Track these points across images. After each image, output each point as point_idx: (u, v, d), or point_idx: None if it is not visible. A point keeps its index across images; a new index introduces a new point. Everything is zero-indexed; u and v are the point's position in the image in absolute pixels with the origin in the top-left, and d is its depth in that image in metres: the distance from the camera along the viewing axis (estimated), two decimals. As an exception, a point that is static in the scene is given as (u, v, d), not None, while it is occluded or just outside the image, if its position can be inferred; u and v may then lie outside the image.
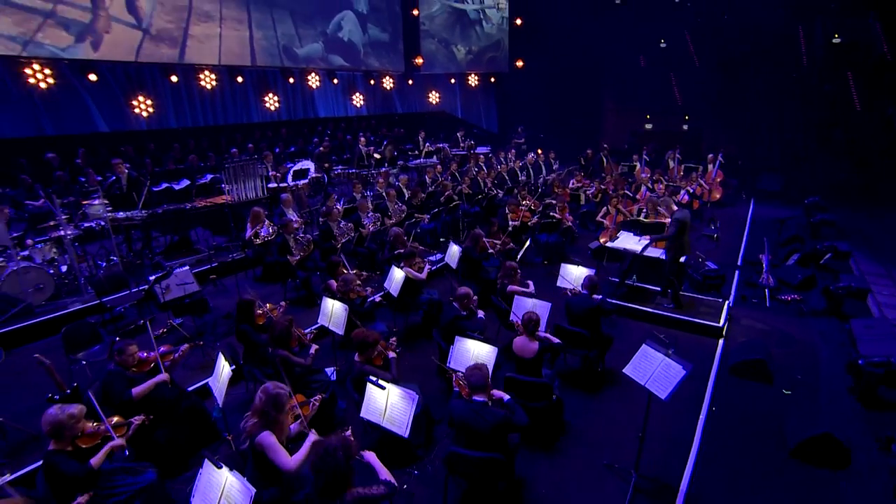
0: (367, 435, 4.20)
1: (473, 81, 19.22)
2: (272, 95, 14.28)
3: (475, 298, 5.29)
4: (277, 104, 14.47)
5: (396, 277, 5.92)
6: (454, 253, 7.00)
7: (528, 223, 8.91)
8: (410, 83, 17.91)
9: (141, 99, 11.68)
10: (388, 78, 17.03)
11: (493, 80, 19.95)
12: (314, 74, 14.92)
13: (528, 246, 8.25)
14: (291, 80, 14.38)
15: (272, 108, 14.41)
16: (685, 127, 17.47)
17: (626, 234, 7.68)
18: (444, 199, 9.86)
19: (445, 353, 4.70)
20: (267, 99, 14.23)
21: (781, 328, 6.48)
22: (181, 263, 6.65)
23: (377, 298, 6.74)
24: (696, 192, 11.23)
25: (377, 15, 16.09)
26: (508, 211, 8.98)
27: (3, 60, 9.57)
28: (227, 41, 12.47)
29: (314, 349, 4.66)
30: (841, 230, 9.94)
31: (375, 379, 3.63)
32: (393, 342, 4.59)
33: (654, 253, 7.08)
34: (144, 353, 4.29)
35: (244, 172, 8.71)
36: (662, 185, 10.86)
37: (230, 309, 6.36)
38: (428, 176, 11.11)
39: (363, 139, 12.89)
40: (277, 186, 9.69)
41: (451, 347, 4.54)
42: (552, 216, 9.09)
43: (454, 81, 19.18)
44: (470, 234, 7.38)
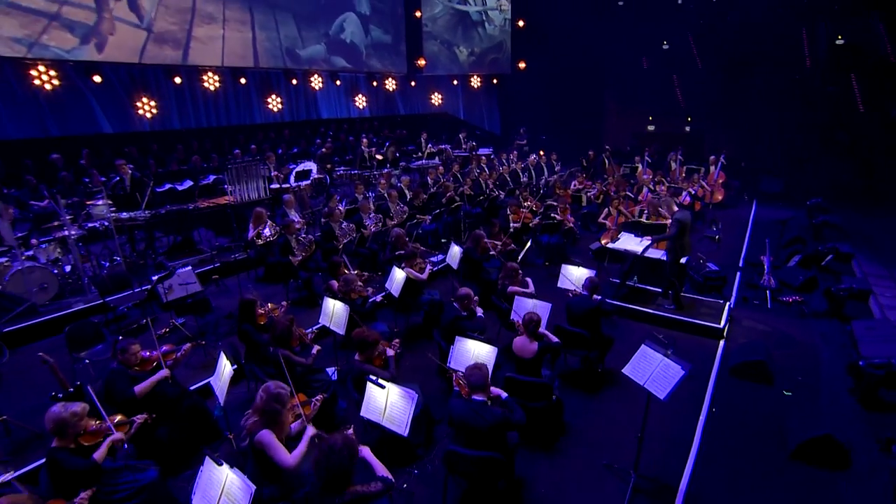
0: (366, 434, 4.21)
1: (476, 83, 19.25)
2: (275, 97, 14.33)
3: (476, 299, 5.32)
4: (280, 105, 14.53)
5: (397, 278, 5.94)
6: (455, 254, 7.02)
7: (529, 224, 8.93)
8: (413, 85, 17.94)
9: (145, 100, 11.75)
10: (390, 79, 17.07)
11: (495, 81, 19.98)
12: (317, 76, 14.97)
13: (529, 247, 8.27)
14: (294, 81, 14.43)
15: (275, 109, 14.46)
16: (687, 129, 17.46)
17: (627, 235, 7.69)
18: (445, 200, 9.88)
19: (446, 353, 4.72)
20: (270, 100, 14.28)
21: (782, 329, 6.47)
22: (184, 264, 6.68)
23: (377, 298, 6.77)
24: (697, 193, 11.23)
25: (379, 17, 16.14)
26: (510, 212, 8.99)
27: (8, 62, 9.65)
28: (230, 43, 12.52)
29: (316, 349, 4.68)
30: (843, 232, 9.91)
31: (375, 378, 3.65)
32: (396, 344, 4.62)
33: (655, 254, 7.09)
34: (147, 352, 4.33)
35: (247, 173, 8.75)
36: (664, 186, 10.86)
37: (232, 309, 6.39)
38: (430, 177, 11.14)
39: (365, 140, 12.94)
40: (280, 187, 9.75)
41: (451, 347, 4.57)
42: (553, 217, 9.11)
43: (456, 83, 19.21)
44: (471, 234, 7.39)
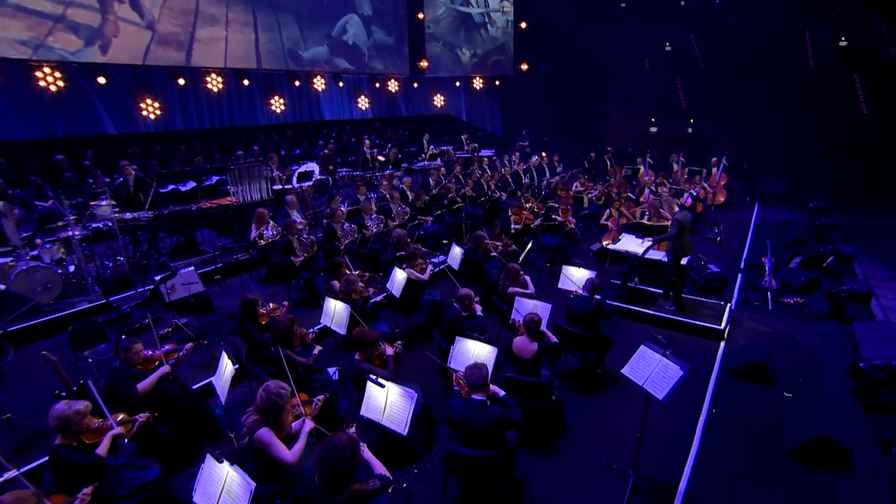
0: (366, 433, 4.23)
1: (478, 84, 19.30)
2: (278, 98, 14.39)
3: (477, 299, 5.34)
4: (283, 107, 14.58)
5: (398, 278, 5.97)
6: (456, 254, 7.05)
7: (530, 225, 8.94)
8: (415, 86, 17.98)
9: (148, 101, 11.82)
10: (393, 81, 17.12)
11: (497, 83, 20.01)
12: (320, 77, 15.03)
13: (530, 248, 8.28)
14: (297, 82, 14.49)
15: (278, 110, 14.52)
16: (689, 130, 17.44)
17: (628, 236, 7.70)
18: (447, 201, 9.91)
19: (446, 353, 4.74)
20: (273, 101, 14.34)
21: (783, 331, 6.47)
22: (186, 264, 6.71)
23: (378, 299, 6.78)
24: (699, 195, 11.21)
25: (382, 18, 16.19)
26: (511, 213, 9.00)
27: (14, 64, 9.73)
28: (233, 44, 12.59)
29: (317, 350, 4.70)
30: (846, 234, 9.89)
31: (375, 377, 3.67)
32: (398, 345, 4.64)
33: (656, 255, 7.10)
34: (149, 351, 4.36)
35: (249, 174, 8.80)
36: (666, 188, 10.85)
37: (234, 309, 6.40)
38: (432, 178, 11.16)
39: (368, 142, 12.98)
40: (282, 188, 9.79)
41: (451, 347, 4.59)
42: (555, 219, 9.12)
43: (459, 84, 19.26)
44: (472, 235, 7.41)
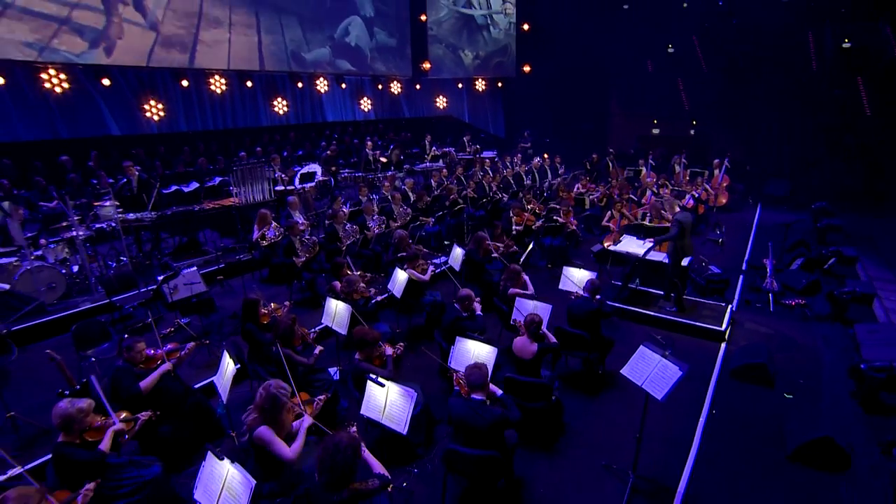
0: (366, 433, 4.26)
1: (481, 86, 19.33)
2: (281, 99, 14.46)
3: (478, 300, 5.37)
4: (286, 108, 14.64)
5: (400, 279, 5.99)
6: (457, 255, 7.07)
7: (532, 227, 8.96)
8: (418, 88, 18.02)
9: (152, 103, 11.88)
10: (395, 82, 17.17)
11: (500, 84, 20.04)
12: (322, 79, 15.08)
13: (531, 249, 8.29)
14: (300, 84, 14.55)
15: (281, 112, 14.58)
16: (692, 132, 17.43)
17: (629, 237, 7.70)
18: (448, 202, 9.93)
19: (447, 353, 4.76)
20: (276, 103, 14.40)
21: (784, 332, 6.46)
22: (189, 264, 6.75)
23: (379, 299, 6.80)
24: (701, 196, 11.21)
25: (385, 20, 16.25)
26: (513, 214, 9.02)
27: (20, 66, 9.81)
28: (236, 46, 12.66)
29: (318, 350, 4.73)
30: (848, 235, 9.86)
31: (375, 377, 3.69)
32: (399, 347, 4.67)
33: (657, 257, 7.10)
34: (152, 350, 4.40)
35: (252, 175, 8.84)
36: (668, 189, 10.86)
37: (236, 309, 6.45)
38: (434, 180, 11.19)
39: (370, 143, 13.01)
40: (284, 189, 9.83)
41: (451, 348, 4.61)
42: (556, 220, 9.14)
43: (461, 86, 19.29)
44: (473, 236, 7.43)
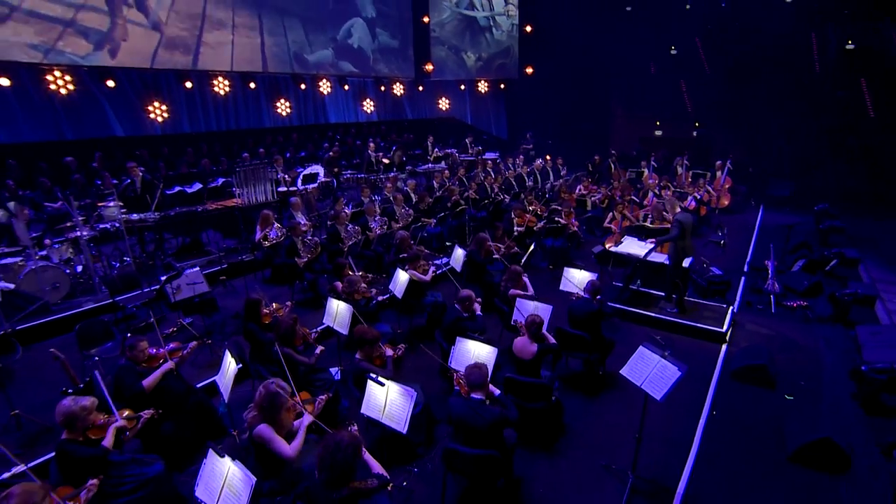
0: (367, 432, 4.28)
1: (483, 88, 19.36)
2: (284, 101, 14.52)
3: (479, 300, 5.38)
4: (289, 110, 14.71)
5: (401, 280, 6.01)
6: (459, 256, 7.09)
7: (533, 228, 8.97)
8: (421, 89, 18.07)
9: (156, 104, 11.97)
10: (398, 84, 17.22)
11: (502, 86, 20.07)
12: (325, 80, 15.14)
13: (532, 250, 8.30)
14: (303, 86, 14.61)
15: (283, 113, 14.65)
16: (695, 133, 17.42)
17: (630, 238, 7.70)
18: (450, 204, 9.96)
19: (447, 353, 4.78)
20: (279, 104, 14.47)
21: (786, 334, 6.45)
22: (192, 264, 6.79)
23: (380, 299, 6.82)
24: (703, 198, 11.20)
25: (387, 22, 16.31)
26: (514, 216, 9.04)
27: (25, 68, 9.90)
28: (239, 48, 12.73)
29: (319, 350, 4.76)
30: (851, 237, 9.84)
31: (376, 376, 3.72)
32: (400, 348, 4.69)
33: (658, 258, 7.11)
34: (154, 349, 4.43)
35: (255, 176, 8.89)
36: (670, 191, 10.87)
37: (239, 309, 6.49)
38: (436, 181, 11.22)
39: (372, 145, 13.06)
40: (287, 190, 9.87)
41: (452, 348, 4.63)
42: (558, 221, 9.15)
43: (464, 88, 19.32)
44: (475, 238, 7.45)
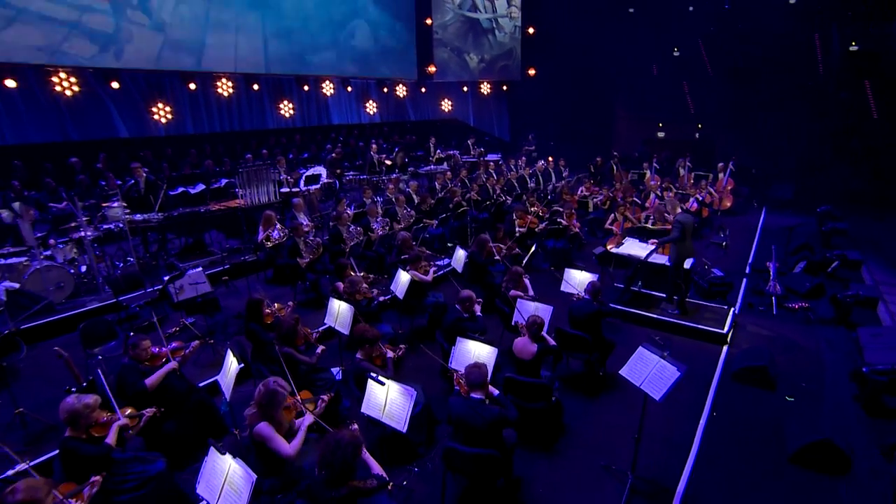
0: (368, 431, 4.29)
1: (486, 89, 19.39)
2: (287, 102, 14.58)
3: (479, 301, 5.41)
4: (292, 111, 14.77)
5: (402, 280, 6.03)
6: (460, 257, 7.11)
7: (535, 229, 8.99)
8: (423, 91, 18.12)
9: (160, 106, 12.05)
10: (401, 86, 17.27)
11: (505, 88, 20.09)
12: (328, 82, 15.20)
13: (534, 251, 8.31)
14: (306, 87, 14.68)
15: (287, 114, 14.71)
16: (697, 135, 17.40)
17: (631, 240, 7.71)
18: (452, 205, 9.98)
19: (448, 353, 4.80)
20: (282, 106, 14.53)
21: (787, 336, 6.44)
22: (195, 265, 6.84)
23: (382, 300, 6.85)
24: (705, 199, 11.19)
25: (390, 24, 16.36)
26: (516, 217, 9.06)
27: (32, 69, 9.98)
28: (242, 49, 12.81)
29: (320, 349, 4.79)
30: (853, 239, 9.81)
31: (376, 375, 3.74)
32: (401, 349, 4.71)
33: (659, 259, 7.11)
34: (157, 348, 4.47)
35: (257, 177, 8.94)
36: (672, 192, 10.86)
37: (241, 309, 6.51)
38: (438, 182, 11.25)
39: (375, 146, 13.10)
40: (290, 191, 9.92)
41: (452, 348, 4.64)
42: (559, 222, 9.17)
43: (467, 89, 19.35)
44: (476, 239, 7.48)
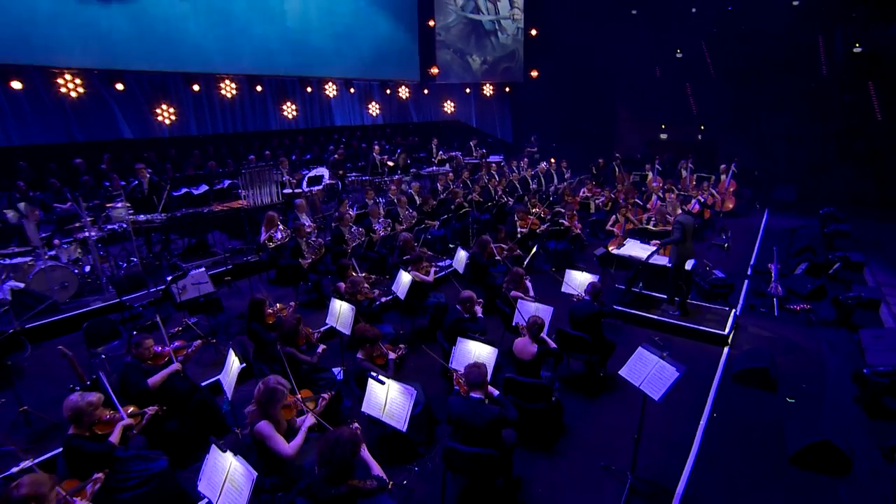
0: (369, 431, 4.31)
1: (488, 91, 19.40)
2: (290, 104, 14.64)
3: (480, 301, 5.43)
4: (295, 112, 14.83)
5: (404, 281, 6.06)
6: (462, 258, 7.14)
7: (536, 230, 9.00)
8: (426, 93, 18.16)
9: (164, 107, 12.11)
10: (403, 87, 17.32)
11: (507, 89, 20.09)
12: (331, 83, 15.24)
13: (535, 253, 8.33)
14: (309, 89, 14.74)
15: (290, 116, 14.76)
16: (700, 137, 17.38)
17: (632, 241, 7.72)
18: (454, 206, 10.01)
19: (448, 353, 4.82)
20: (285, 107, 14.59)
21: (788, 337, 6.44)
22: (198, 265, 6.88)
23: (383, 300, 6.88)
24: (707, 201, 11.18)
25: (393, 25, 16.42)
26: (517, 218, 9.08)
27: (37, 71, 10.06)
28: (245, 50, 12.85)
29: (321, 348, 4.82)
30: (856, 241, 9.79)
31: (377, 374, 3.76)
32: (401, 349, 4.74)
33: (660, 261, 7.11)
34: (159, 347, 4.51)
35: (260, 178, 9.00)
36: (674, 194, 10.85)
37: (243, 309, 6.55)
38: (440, 183, 11.27)
39: (377, 147, 13.13)
40: (292, 192, 9.96)
41: (453, 348, 4.66)
42: (561, 224, 9.18)
43: (469, 91, 19.39)
44: (477, 240, 7.50)
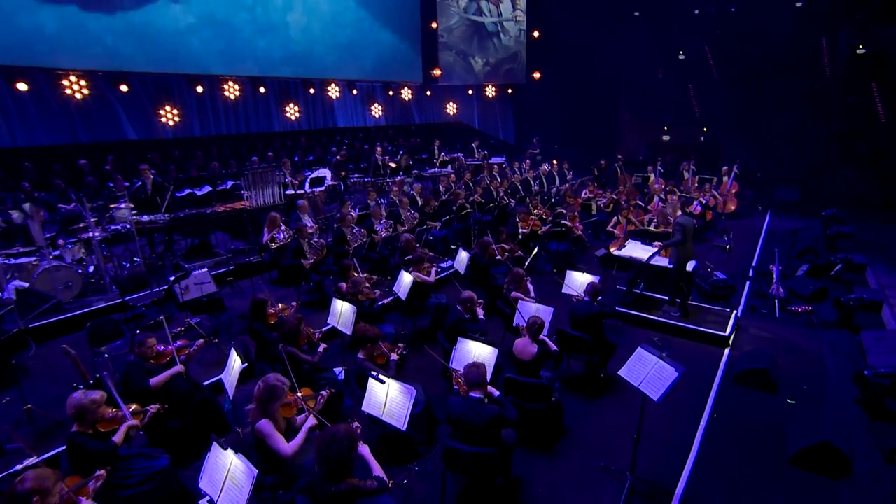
0: (369, 431, 4.34)
1: (491, 93, 19.44)
2: (293, 105, 14.69)
3: (481, 302, 5.45)
4: (298, 114, 14.88)
5: (405, 282, 6.09)
6: (463, 259, 7.16)
7: (538, 231, 9.02)
8: (428, 94, 18.21)
9: (168, 108, 12.17)
10: (406, 89, 17.36)
11: (510, 91, 20.12)
12: (334, 85, 15.30)
13: (536, 254, 8.34)
14: (312, 90, 14.79)
15: (293, 117, 14.82)
16: (702, 138, 17.37)
17: (634, 242, 7.73)
18: (456, 207, 10.03)
19: (449, 354, 4.84)
20: (288, 109, 14.64)
21: (790, 338, 6.43)
22: (200, 265, 6.93)
23: (385, 301, 6.90)
24: (709, 202, 11.17)
25: (396, 27, 16.47)
26: (519, 219, 9.10)
27: (43, 72, 10.13)
28: (248, 52, 12.92)
29: (322, 348, 4.84)
30: (859, 242, 9.77)
31: (377, 373, 3.78)
32: (400, 348, 4.76)
33: (661, 262, 7.11)
34: (162, 346, 4.54)
35: (263, 179, 9.04)
36: (676, 195, 10.82)
37: (246, 309, 6.57)
38: (442, 185, 11.30)
39: (379, 149, 13.15)
40: (294, 193, 10.00)
41: (453, 348, 4.68)
42: (563, 225, 9.19)
43: (472, 93, 19.43)
44: (479, 241, 7.52)
